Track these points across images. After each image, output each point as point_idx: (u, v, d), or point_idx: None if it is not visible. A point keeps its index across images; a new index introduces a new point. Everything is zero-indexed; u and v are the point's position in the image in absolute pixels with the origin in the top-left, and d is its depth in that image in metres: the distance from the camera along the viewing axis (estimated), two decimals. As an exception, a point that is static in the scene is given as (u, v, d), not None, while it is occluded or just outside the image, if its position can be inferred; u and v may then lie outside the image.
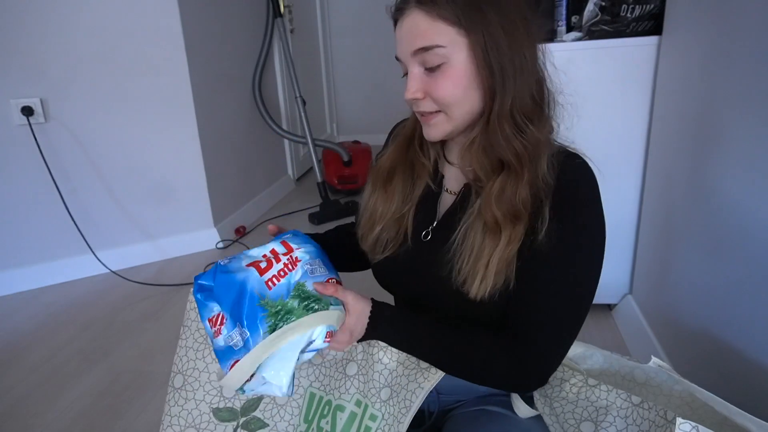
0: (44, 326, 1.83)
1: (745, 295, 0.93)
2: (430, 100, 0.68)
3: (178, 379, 0.79)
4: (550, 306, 0.67)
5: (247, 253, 0.70)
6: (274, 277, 0.67)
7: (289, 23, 3.15)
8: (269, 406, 0.74)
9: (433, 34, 0.64)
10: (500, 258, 0.66)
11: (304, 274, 0.68)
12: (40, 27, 1.92)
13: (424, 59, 0.65)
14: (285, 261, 0.69)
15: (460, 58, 0.64)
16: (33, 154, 1.97)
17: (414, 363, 0.71)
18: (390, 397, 0.70)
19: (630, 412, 0.65)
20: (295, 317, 0.64)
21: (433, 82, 0.66)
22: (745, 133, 0.94)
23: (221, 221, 2.51)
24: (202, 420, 0.76)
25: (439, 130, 0.70)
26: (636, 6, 1.40)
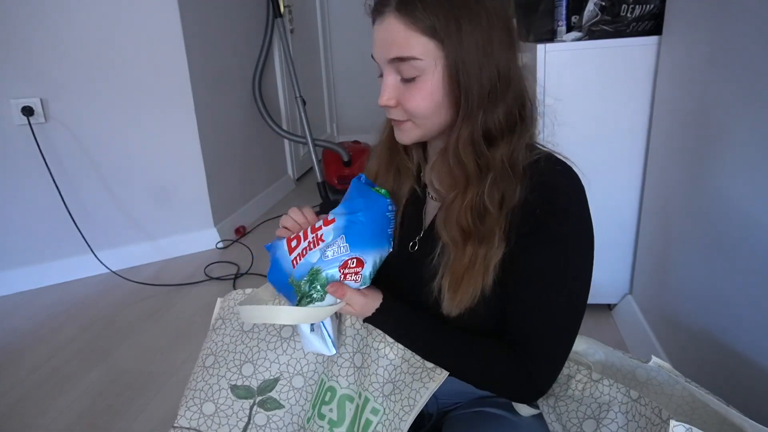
0: (44, 326, 1.83)
1: (745, 296, 0.93)
2: (401, 110, 0.67)
3: (209, 360, 0.82)
4: (543, 316, 0.66)
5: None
6: (299, 256, 0.69)
7: (289, 23, 3.15)
8: (285, 388, 0.77)
9: (410, 45, 0.61)
10: (469, 276, 0.65)
11: (320, 259, 0.68)
12: (41, 27, 1.92)
13: (400, 69, 0.64)
14: (311, 239, 0.69)
15: (436, 73, 0.62)
16: (33, 154, 1.97)
17: (419, 361, 0.71)
18: (392, 392, 0.70)
19: (630, 407, 0.65)
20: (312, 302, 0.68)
21: (406, 92, 0.65)
22: (745, 132, 0.94)
23: (221, 221, 2.51)
24: (221, 395, 0.78)
25: (408, 135, 0.69)
26: (636, 6, 1.40)
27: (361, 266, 0.68)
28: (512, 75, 0.64)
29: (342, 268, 0.68)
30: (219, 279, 2.14)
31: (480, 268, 0.65)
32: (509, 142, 0.65)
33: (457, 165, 0.66)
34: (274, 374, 0.78)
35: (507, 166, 0.64)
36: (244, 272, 2.19)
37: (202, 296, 2.00)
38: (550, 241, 0.64)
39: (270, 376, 0.78)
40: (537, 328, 0.66)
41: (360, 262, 0.68)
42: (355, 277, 0.68)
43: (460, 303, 0.67)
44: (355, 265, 0.68)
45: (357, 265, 0.68)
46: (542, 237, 0.64)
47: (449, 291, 0.67)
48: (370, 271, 0.69)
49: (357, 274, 0.68)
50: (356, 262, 0.68)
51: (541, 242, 0.64)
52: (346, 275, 0.68)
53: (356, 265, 0.68)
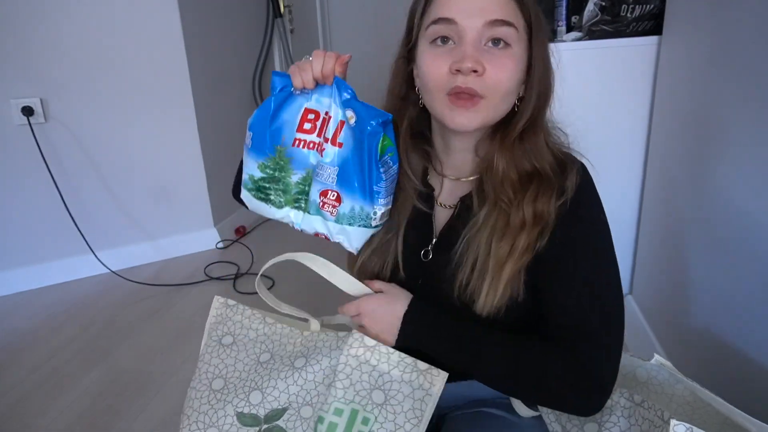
0: (44, 326, 1.82)
1: (745, 295, 0.93)
2: (486, 79, 0.62)
3: (218, 383, 0.79)
4: (589, 302, 0.64)
5: (319, 95, 0.69)
6: (303, 143, 0.69)
7: (289, 23, 3.15)
8: (293, 417, 0.72)
9: (511, 13, 0.62)
10: (513, 266, 0.64)
11: (315, 170, 0.68)
12: (41, 27, 1.92)
13: (496, 33, 0.61)
14: (318, 140, 0.68)
15: (521, 49, 0.63)
16: (33, 154, 1.97)
17: (410, 365, 0.67)
18: (385, 402, 0.67)
19: (633, 411, 0.65)
20: (284, 198, 0.71)
21: (495, 59, 0.62)
22: (745, 132, 0.94)
23: (221, 221, 2.51)
24: (226, 422, 0.75)
25: (477, 117, 0.64)
26: (636, 6, 1.40)
27: (338, 202, 0.68)
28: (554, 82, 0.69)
29: (322, 195, 0.69)
30: (219, 279, 2.14)
31: (522, 255, 0.64)
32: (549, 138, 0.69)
33: (526, 160, 0.67)
34: (283, 404, 0.74)
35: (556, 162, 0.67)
36: (244, 272, 2.18)
37: (202, 296, 2.00)
38: (576, 233, 0.65)
39: (279, 406, 0.74)
40: (584, 316, 0.63)
41: (339, 198, 0.68)
42: (332, 209, 0.69)
43: (503, 296, 0.64)
44: (334, 199, 0.68)
45: (336, 200, 0.68)
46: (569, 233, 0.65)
47: (489, 283, 0.65)
48: (346, 212, 0.68)
49: (334, 208, 0.69)
50: (336, 197, 0.68)
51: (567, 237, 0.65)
52: (324, 204, 0.69)
53: (335, 199, 0.68)
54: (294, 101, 0.69)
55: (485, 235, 0.67)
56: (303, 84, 0.66)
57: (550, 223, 0.64)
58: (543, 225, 0.64)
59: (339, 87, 0.67)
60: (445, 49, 0.63)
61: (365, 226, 0.69)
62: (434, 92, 0.65)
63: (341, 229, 0.69)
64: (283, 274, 2.12)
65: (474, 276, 0.66)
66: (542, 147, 0.67)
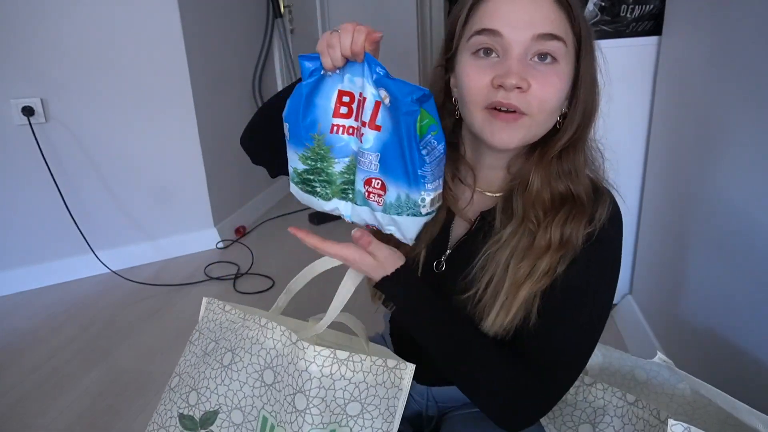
0: (44, 326, 1.82)
1: (745, 294, 0.93)
2: (530, 96, 0.59)
3: (175, 380, 0.78)
4: (570, 345, 0.64)
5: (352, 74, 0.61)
6: (342, 128, 0.63)
7: (289, 23, 3.15)
8: (225, 423, 0.71)
9: (561, 26, 0.59)
10: (529, 289, 0.61)
11: (356, 155, 0.62)
12: (41, 27, 1.92)
13: (543, 48, 0.58)
14: (356, 123, 0.62)
15: (568, 66, 0.60)
16: (33, 154, 1.97)
17: (381, 366, 0.66)
18: (362, 411, 0.65)
19: (626, 411, 0.65)
20: (329, 189, 0.64)
21: (541, 76, 0.59)
22: (745, 132, 0.94)
23: (221, 221, 2.51)
24: (171, 423, 0.74)
25: (518, 135, 0.61)
26: (636, 6, 1.40)
27: (383, 190, 0.62)
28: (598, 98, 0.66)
29: (366, 184, 0.63)
30: (219, 279, 2.14)
31: (540, 279, 0.62)
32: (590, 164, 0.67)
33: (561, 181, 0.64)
34: (214, 406, 0.72)
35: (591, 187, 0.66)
36: (244, 272, 2.18)
37: (202, 296, 1.99)
38: (592, 269, 0.63)
39: (210, 408, 0.72)
40: (560, 353, 0.64)
41: (383, 186, 0.62)
42: (378, 199, 0.63)
43: (514, 318, 0.62)
44: (379, 187, 0.62)
45: (381, 188, 0.62)
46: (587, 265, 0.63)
47: (502, 303, 0.63)
48: (392, 201, 0.62)
49: (379, 197, 0.63)
50: (380, 185, 0.62)
51: (583, 268, 0.63)
52: (369, 194, 0.63)
53: (380, 188, 0.62)
54: (326, 84, 0.63)
55: (506, 253, 0.64)
56: (332, 63, 0.59)
57: (574, 250, 0.62)
58: (567, 250, 0.62)
59: (370, 64, 0.61)
60: (488, 61, 0.60)
61: (415, 214, 0.63)
62: (473, 105, 0.62)
63: (391, 219, 0.64)
64: (284, 274, 2.12)
65: (487, 293, 0.64)
66: (580, 169, 0.65)
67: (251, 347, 0.71)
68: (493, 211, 0.69)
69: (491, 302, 0.64)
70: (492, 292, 0.64)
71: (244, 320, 0.75)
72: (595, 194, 0.65)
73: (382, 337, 0.91)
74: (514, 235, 0.65)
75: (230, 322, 0.77)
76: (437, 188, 0.64)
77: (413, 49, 4.05)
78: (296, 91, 0.63)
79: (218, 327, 0.79)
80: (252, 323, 0.73)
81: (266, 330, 0.71)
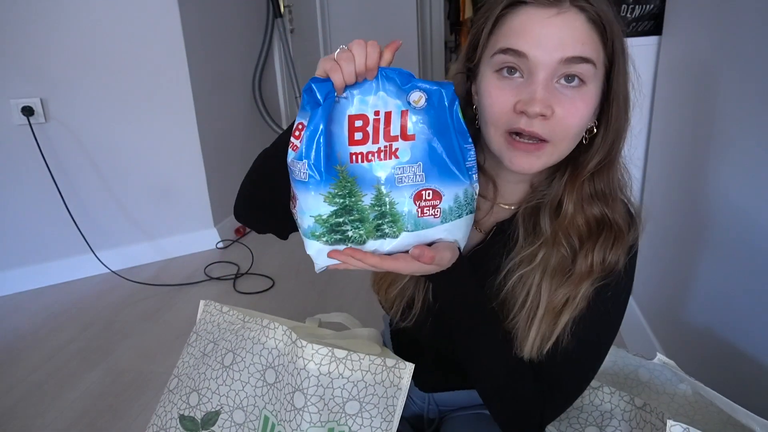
0: (44, 326, 1.82)
1: (745, 295, 0.93)
2: (553, 122, 0.56)
3: (173, 382, 0.78)
4: (581, 367, 0.64)
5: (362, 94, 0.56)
6: (361, 156, 0.57)
7: (289, 23, 3.15)
8: (227, 423, 0.71)
9: (591, 47, 0.55)
10: (569, 315, 0.59)
11: (390, 181, 0.57)
12: (41, 27, 1.92)
13: (571, 71, 0.55)
14: (382, 146, 0.57)
15: (596, 86, 0.57)
16: (33, 154, 1.97)
17: (380, 365, 0.66)
18: (360, 410, 0.65)
19: (633, 415, 0.65)
20: (363, 229, 0.56)
21: (567, 101, 0.56)
22: (744, 133, 0.94)
23: (221, 221, 2.51)
24: (171, 425, 0.74)
25: (539, 162, 0.58)
26: (636, 6, 1.40)
27: (438, 199, 0.58)
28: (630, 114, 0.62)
29: (417, 199, 0.57)
30: (219, 279, 2.14)
31: (579, 304, 0.60)
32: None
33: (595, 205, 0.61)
34: (215, 406, 0.72)
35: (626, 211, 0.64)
36: (244, 272, 2.18)
37: (202, 296, 1.99)
38: (618, 292, 0.63)
39: (212, 408, 0.72)
40: (569, 379, 0.64)
41: (437, 194, 0.58)
42: (434, 211, 0.58)
43: (551, 343, 0.61)
44: (431, 198, 0.58)
45: (434, 198, 0.58)
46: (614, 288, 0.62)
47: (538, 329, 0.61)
48: (450, 206, 0.58)
49: (435, 208, 0.58)
50: (432, 194, 0.58)
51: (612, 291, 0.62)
52: (423, 209, 0.58)
53: (433, 197, 0.58)
54: (336, 109, 0.58)
55: (537, 275, 0.62)
56: (344, 80, 0.53)
57: (614, 275, 0.61)
58: (607, 275, 0.61)
59: (387, 75, 0.56)
60: (511, 82, 0.57)
61: (471, 211, 0.60)
62: (493, 128, 0.60)
63: (449, 228, 0.59)
64: (284, 274, 2.12)
65: (522, 316, 0.62)
66: (614, 190, 0.63)
67: (253, 347, 0.71)
68: (511, 223, 0.67)
69: (526, 327, 0.62)
70: (526, 317, 0.62)
71: (245, 321, 0.75)
72: (630, 217, 0.64)
73: (382, 336, 0.91)
74: (545, 256, 0.62)
75: (229, 324, 0.77)
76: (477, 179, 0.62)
77: (413, 49, 4.05)
78: (311, 123, 0.56)
79: (216, 328, 0.79)
80: (253, 324, 0.73)
81: (268, 330, 0.71)
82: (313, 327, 0.86)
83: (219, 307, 0.81)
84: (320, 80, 0.55)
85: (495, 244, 0.67)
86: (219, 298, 0.83)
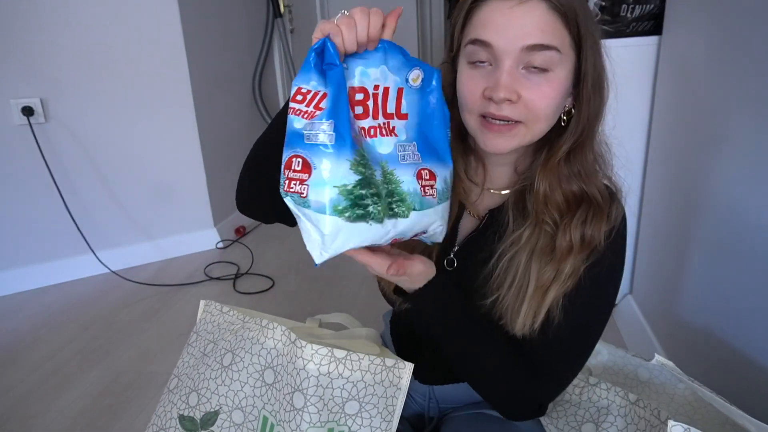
0: (44, 326, 1.82)
1: (745, 295, 0.93)
2: (521, 106, 0.59)
3: (173, 382, 0.79)
4: (572, 346, 0.65)
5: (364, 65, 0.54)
6: (367, 132, 0.55)
7: (289, 23, 3.15)
8: (226, 423, 0.71)
9: (553, 35, 0.57)
10: (557, 291, 0.61)
11: (394, 157, 0.55)
12: (41, 27, 1.92)
13: (533, 59, 0.57)
14: (381, 122, 0.55)
15: (565, 69, 0.59)
16: (33, 154, 1.97)
17: (380, 365, 0.66)
18: (360, 410, 0.65)
19: (628, 410, 0.65)
20: (381, 205, 0.52)
21: (533, 86, 0.58)
22: (745, 132, 0.94)
23: (221, 221, 2.51)
24: (170, 425, 0.74)
25: (513, 142, 0.61)
26: (636, 6, 1.40)
27: (433, 179, 0.57)
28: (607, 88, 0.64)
29: (419, 178, 0.56)
30: (219, 279, 2.14)
31: (566, 281, 0.62)
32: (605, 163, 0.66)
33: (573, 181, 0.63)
34: (214, 406, 0.72)
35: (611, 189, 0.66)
36: (244, 272, 2.18)
37: (202, 296, 1.99)
38: (608, 269, 0.64)
39: (211, 408, 0.72)
40: (561, 359, 0.65)
41: (432, 174, 0.57)
42: (432, 191, 0.57)
43: (542, 320, 0.62)
44: (428, 177, 0.57)
45: (431, 177, 0.57)
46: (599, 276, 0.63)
47: (528, 307, 0.62)
48: (442, 187, 0.58)
49: (432, 188, 0.57)
50: (429, 174, 0.57)
51: (602, 268, 0.63)
52: (425, 189, 0.56)
53: (429, 178, 0.57)
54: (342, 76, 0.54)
55: (525, 255, 0.64)
56: (344, 48, 0.52)
57: (597, 251, 0.62)
58: (589, 251, 0.62)
59: (393, 49, 0.54)
60: (482, 71, 0.60)
61: (449, 197, 0.60)
62: (467, 113, 0.63)
63: (442, 210, 0.59)
64: (284, 274, 2.12)
65: (510, 296, 0.64)
66: (591, 168, 0.64)
67: (251, 347, 0.71)
68: (502, 208, 0.69)
69: (516, 305, 0.63)
70: (515, 295, 0.64)
71: (244, 321, 0.75)
72: (609, 193, 0.65)
73: (381, 337, 0.91)
74: (531, 236, 0.65)
75: (229, 324, 0.77)
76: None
77: (414, 49, 4.05)
78: (332, 80, 0.51)
79: (216, 328, 0.79)
80: (252, 324, 0.73)
81: (267, 330, 0.71)
82: (312, 327, 0.86)
83: (219, 307, 0.81)
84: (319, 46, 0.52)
85: (488, 231, 0.69)
86: (219, 298, 0.83)
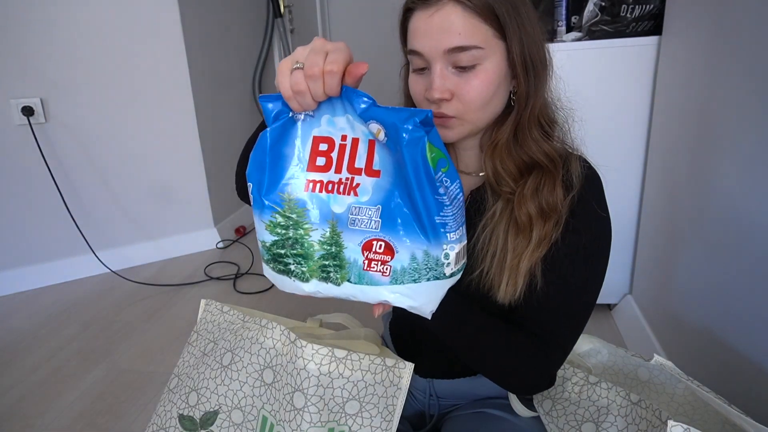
0: (44, 326, 1.82)
1: (745, 295, 0.93)
2: (456, 102, 0.63)
3: (174, 381, 0.79)
4: (567, 312, 0.67)
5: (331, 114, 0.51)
6: (319, 184, 0.51)
7: (289, 23, 3.15)
8: (226, 423, 0.71)
9: (471, 34, 0.60)
10: (529, 259, 0.64)
11: (343, 219, 0.50)
12: (41, 27, 1.92)
13: (459, 59, 0.61)
14: (343, 177, 0.50)
15: (495, 60, 0.62)
16: (33, 154, 1.97)
17: (380, 365, 0.66)
18: (360, 410, 0.65)
19: (629, 410, 0.65)
20: (306, 267, 0.51)
21: (462, 82, 0.62)
22: (745, 132, 0.94)
23: (221, 221, 2.51)
24: (170, 424, 0.74)
25: (455, 132, 0.66)
26: (636, 6, 1.40)
27: (390, 254, 0.49)
28: (550, 65, 0.67)
29: (365, 249, 0.50)
30: (219, 279, 2.14)
31: (537, 247, 0.64)
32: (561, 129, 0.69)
33: (530, 145, 0.66)
34: (214, 406, 0.72)
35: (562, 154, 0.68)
36: (244, 272, 2.18)
37: (202, 296, 2.00)
38: (583, 232, 0.66)
39: (210, 408, 0.72)
40: (560, 324, 0.67)
41: (389, 248, 0.49)
42: (382, 267, 0.49)
43: (522, 287, 0.65)
44: (382, 251, 0.49)
45: (385, 252, 0.49)
46: (580, 237, 0.65)
47: (508, 276, 0.65)
48: (404, 266, 0.49)
49: (384, 264, 0.49)
50: (384, 247, 0.49)
51: (575, 232, 0.65)
52: (371, 263, 0.50)
53: (384, 251, 0.49)
54: (296, 130, 0.52)
55: (502, 227, 0.67)
56: (302, 108, 0.52)
57: (562, 216, 0.65)
58: (553, 215, 0.65)
59: (350, 98, 0.49)
60: (423, 76, 0.65)
61: (438, 277, 0.50)
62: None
63: (405, 291, 0.50)
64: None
65: (493, 267, 0.67)
66: (536, 139, 0.67)
67: (251, 347, 0.71)
68: (482, 189, 0.72)
69: (498, 275, 0.67)
70: (498, 265, 0.67)
71: (244, 321, 0.75)
72: (562, 157, 0.68)
73: (381, 337, 0.91)
74: (504, 209, 0.68)
75: (229, 323, 0.77)
76: (462, 240, 0.52)
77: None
78: (259, 141, 0.51)
79: (216, 328, 0.79)
80: (252, 323, 0.73)
81: (266, 330, 0.71)
82: (313, 327, 0.86)
83: (220, 307, 0.81)
84: (269, 98, 0.52)
85: (470, 211, 0.72)
86: (219, 298, 0.84)
